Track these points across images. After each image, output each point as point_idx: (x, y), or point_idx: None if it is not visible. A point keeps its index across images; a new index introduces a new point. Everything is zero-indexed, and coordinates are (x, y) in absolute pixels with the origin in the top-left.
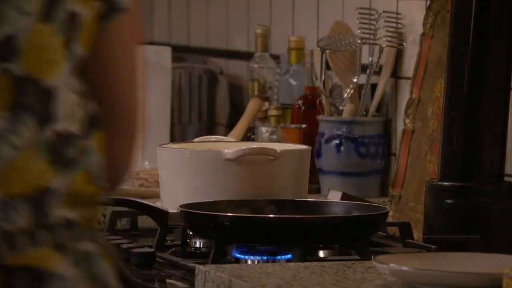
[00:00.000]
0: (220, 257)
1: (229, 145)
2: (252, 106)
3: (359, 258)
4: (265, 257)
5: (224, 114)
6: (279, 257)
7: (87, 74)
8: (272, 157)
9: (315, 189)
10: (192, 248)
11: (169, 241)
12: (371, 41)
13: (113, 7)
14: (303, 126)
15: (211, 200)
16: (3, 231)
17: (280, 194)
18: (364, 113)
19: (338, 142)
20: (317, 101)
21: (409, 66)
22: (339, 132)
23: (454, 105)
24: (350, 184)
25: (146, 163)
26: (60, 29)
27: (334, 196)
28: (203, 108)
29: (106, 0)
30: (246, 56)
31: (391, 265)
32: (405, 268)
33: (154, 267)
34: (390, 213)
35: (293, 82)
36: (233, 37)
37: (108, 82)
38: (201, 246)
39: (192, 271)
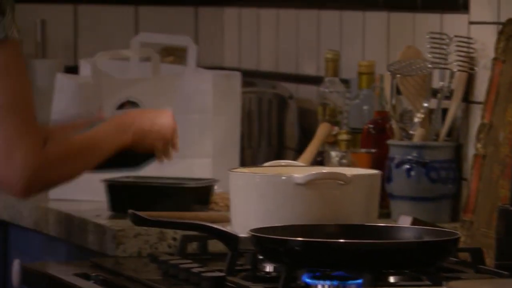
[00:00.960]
0: (290, 282)
1: (299, 170)
2: (321, 130)
3: (430, 284)
4: (335, 282)
5: (294, 138)
6: (349, 282)
7: None
8: (342, 182)
9: (385, 214)
10: (262, 273)
11: (239, 266)
12: (442, 66)
13: None
14: (373, 150)
15: (281, 225)
16: None
17: (350, 219)
18: (435, 137)
19: (408, 166)
20: (387, 125)
21: (480, 91)
22: (409, 157)
23: None
24: (420, 209)
25: (216, 187)
26: None
27: (405, 221)
28: (273, 132)
29: None
30: (316, 80)
31: None
32: None
33: None
34: (462, 239)
35: (363, 106)
36: (303, 61)
37: None
38: (272, 270)
39: None
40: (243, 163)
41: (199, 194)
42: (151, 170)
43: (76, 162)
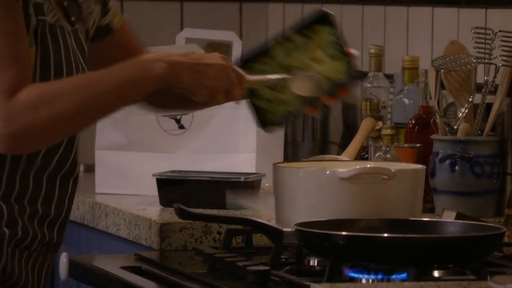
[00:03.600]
0: (335, 276)
1: (343, 164)
2: (365, 125)
3: (475, 278)
4: (380, 276)
5: (338, 133)
6: (394, 276)
7: None
8: (386, 177)
9: (429, 208)
10: (307, 267)
11: (283, 259)
12: (486, 61)
13: None
14: (417, 145)
15: (326, 219)
16: None
17: (394, 213)
18: (479, 132)
19: (452, 161)
20: (431, 120)
21: None
22: (453, 152)
23: None
24: (464, 203)
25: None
26: None
27: (449, 215)
28: (317, 127)
29: None
30: (360, 75)
31: (508, 285)
32: None
33: (269, 285)
34: (506, 233)
35: (407, 101)
36: None
37: None
38: (316, 264)
39: None
40: (287, 158)
41: (248, 189)
42: (197, 164)
43: (62, 99)
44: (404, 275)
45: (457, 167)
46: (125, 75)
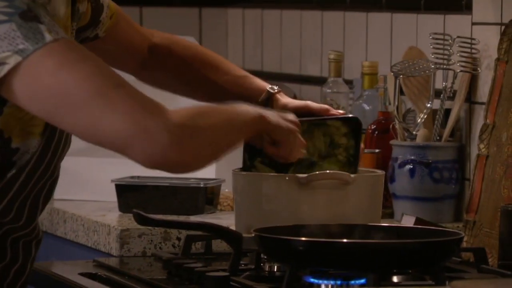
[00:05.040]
0: (294, 282)
1: None
2: None
3: (433, 283)
4: (339, 282)
5: None
6: (353, 282)
7: None
8: (345, 182)
9: (389, 214)
10: (266, 272)
11: (243, 265)
12: (445, 66)
13: None
14: (377, 151)
15: (285, 225)
16: None
17: (354, 218)
18: (438, 138)
19: (411, 167)
20: (391, 126)
21: (483, 91)
22: (412, 157)
23: None
24: (423, 209)
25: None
26: None
27: (408, 221)
28: None
29: None
30: (320, 81)
31: None
32: None
33: None
34: (465, 239)
35: (366, 107)
36: (306, 62)
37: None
38: (275, 270)
39: None
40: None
41: (207, 194)
42: (156, 170)
43: (213, 123)
44: (363, 281)
45: (416, 173)
46: (247, 124)
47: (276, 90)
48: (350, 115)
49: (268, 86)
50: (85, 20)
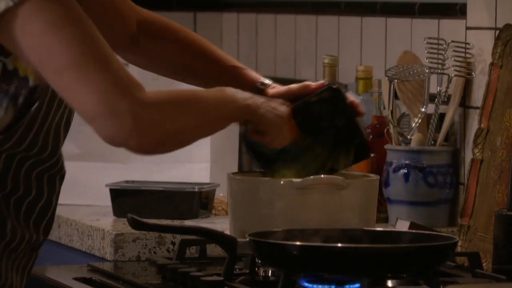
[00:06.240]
0: (289, 286)
1: None
2: None
3: None
4: (333, 286)
5: None
6: (347, 286)
7: None
8: (340, 186)
9: (383, 218)
10: (261, 277)
11: (237, 270)
12: (439, 71)
13: None
14: (371, 155)
15: (280, 229)
16: None
17: (348, 223)
18: (432, 142)
19: (406, 171)
20: (385, 130)
21: (477, 96)
22: (407, 162)
23: None
24: (418, 213)
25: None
26: None
27: (402, 225)
28: None
29: None
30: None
31: None
32: None
33: None
34: (459, 243)
35: None
36: (301, 66)
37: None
38: (270, 275)
39: None
40: (241, 168)
41: (202, 199)
42: (151, 174)
43: (184, 112)
44: (358, 285)
45: (410, 177)
46: (223, 111)
47: (267, 85)
48: (328, 84)
49: (259, 80)
50: None
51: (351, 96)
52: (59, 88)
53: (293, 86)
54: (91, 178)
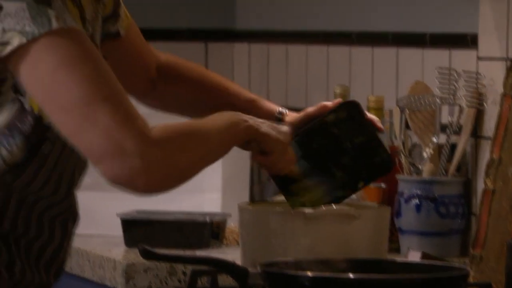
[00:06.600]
0: None
1: None
2: None
3: None
4: None
5: None
6: None
7: None
8: (351, 217)
9: (395, 248)
10: None
11: None
12: (450, 101)
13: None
14: (383, 185)
15: (291, 259)
16: None
17: (360, 253)
18: (444, 172)
19: (417, 201)
20: (397, 160)
21: (489, 126)
22: (418, 192)
23: None
24: (430, 244)
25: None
26: None
27: (414, 256)
28: None
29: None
30: None
31: None
32: None
33: None
34: (471, 274)
35: None
36: (312, 96)
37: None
38: None
39: None
40: (252, 198)
41: (213, 229)
42: (162, 204)
43: (189, 147)
44: None
45: (422, 207)
46: (224, 136)
47: (284, 114)
48: (344, 102)
49: (277, 110)
50: (108, 9)
51: (367, 113)
52: (65, 127)
53: (310, 109)
54: (102, 207)
